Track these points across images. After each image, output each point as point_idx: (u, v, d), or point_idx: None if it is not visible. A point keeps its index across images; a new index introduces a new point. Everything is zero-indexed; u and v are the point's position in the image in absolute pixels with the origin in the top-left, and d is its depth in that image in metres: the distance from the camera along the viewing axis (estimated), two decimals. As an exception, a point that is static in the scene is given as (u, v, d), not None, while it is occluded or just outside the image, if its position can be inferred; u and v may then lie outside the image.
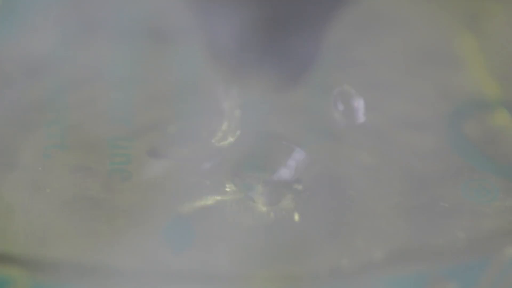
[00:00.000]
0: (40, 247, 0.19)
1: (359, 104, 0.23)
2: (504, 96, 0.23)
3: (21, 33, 0.24)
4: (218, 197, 0.20)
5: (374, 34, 0.24)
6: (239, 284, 0.19)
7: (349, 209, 0.20)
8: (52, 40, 0.24)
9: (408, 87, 0.23)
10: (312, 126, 0.22)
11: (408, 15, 0.25)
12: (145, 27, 0.24)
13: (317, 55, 0.17)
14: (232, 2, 0.16)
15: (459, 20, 0.25)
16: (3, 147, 0.21)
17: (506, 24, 0.25)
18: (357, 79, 0.23)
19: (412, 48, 0.24)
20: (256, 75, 0.16)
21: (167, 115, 0.22)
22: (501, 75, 0.23)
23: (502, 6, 0.25)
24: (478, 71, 0.24)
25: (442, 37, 0.24)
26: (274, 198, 0.20)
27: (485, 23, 0.25)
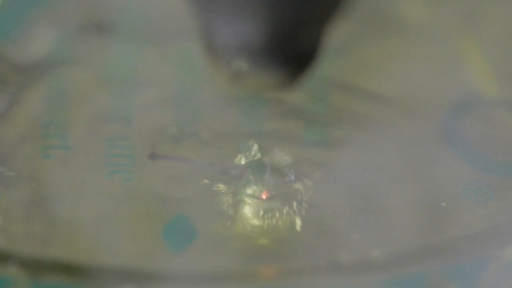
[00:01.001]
0: (40, 247, 0.19)
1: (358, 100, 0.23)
2: (503, 95, 0.23)
3: (19, 32, 0.24)
4: (218, 196, 0.20)
5: (375, 33, 0.24)
6: (239, 281, 0.19)
7: (348, 207, 0.20)
8: (53, 39, 0.24)
9: (408, 86, 0.23)
10: (311, 125, 0.22)
11: (409, 14, 0.25)
12: (147, 28, 0.24)
13: (320, 54, 0.17)
14: (234, 2, 0.16)
15: (459, 20, 0.25)
16: None
17: (506, 24, 0.25)
18: (357, 75, 0.23)
19: (413, 47, 0.24)
20: (256, 75, 0.16)
21: (168, 116, 0.22)
22: (501, 75, 0.23)
23: (502, 6, 0.25)
24: (478, 71, 0.24)
25: (442, 37, 0.25)
26: (274, 196, 0.20)
27: (485, 23, 0.25)
